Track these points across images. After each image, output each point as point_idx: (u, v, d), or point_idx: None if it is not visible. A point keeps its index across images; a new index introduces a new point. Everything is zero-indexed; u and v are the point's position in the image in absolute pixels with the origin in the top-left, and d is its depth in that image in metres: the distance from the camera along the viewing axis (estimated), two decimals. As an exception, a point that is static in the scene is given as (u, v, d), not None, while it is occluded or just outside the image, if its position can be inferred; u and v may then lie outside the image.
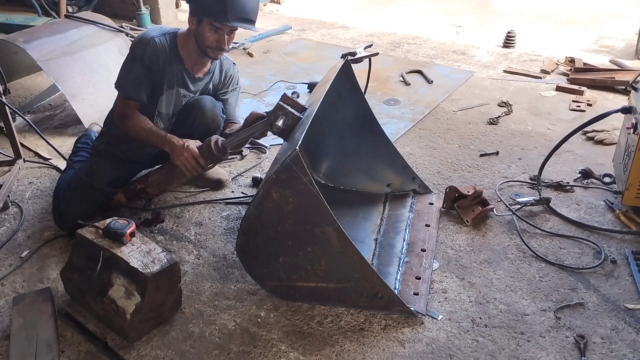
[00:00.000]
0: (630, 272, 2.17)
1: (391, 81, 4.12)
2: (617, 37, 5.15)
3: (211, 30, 2.23)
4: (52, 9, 5.34)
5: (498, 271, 2.20)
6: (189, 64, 2.37)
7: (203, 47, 2.29)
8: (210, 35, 2.24)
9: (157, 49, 2.26)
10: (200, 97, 2.47)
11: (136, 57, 2.26)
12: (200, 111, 2.42)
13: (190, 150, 2.18)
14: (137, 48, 2.27)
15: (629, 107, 2.51)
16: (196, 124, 2.42)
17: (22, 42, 3.25)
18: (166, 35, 2.31)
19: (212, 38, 2.25)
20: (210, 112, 2.44)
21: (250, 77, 4.19)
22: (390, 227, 2.45)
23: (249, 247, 2.00)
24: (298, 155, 1.68)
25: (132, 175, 2.60)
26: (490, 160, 3.03)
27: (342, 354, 1.84)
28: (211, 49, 2.29)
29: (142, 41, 2.26)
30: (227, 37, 2.26)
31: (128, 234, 1.88)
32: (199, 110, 2.42)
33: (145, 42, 2.25)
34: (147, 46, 2.25)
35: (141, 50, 2.25)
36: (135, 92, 2.30)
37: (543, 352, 1.84)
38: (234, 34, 2.30)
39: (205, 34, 2.24)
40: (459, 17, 5.90)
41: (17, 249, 2.33)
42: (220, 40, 2.26)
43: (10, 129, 2.65)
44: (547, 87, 4.01)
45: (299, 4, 6.46)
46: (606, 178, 2.74)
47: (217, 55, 2.34)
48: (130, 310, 1.81)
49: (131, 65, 2.28)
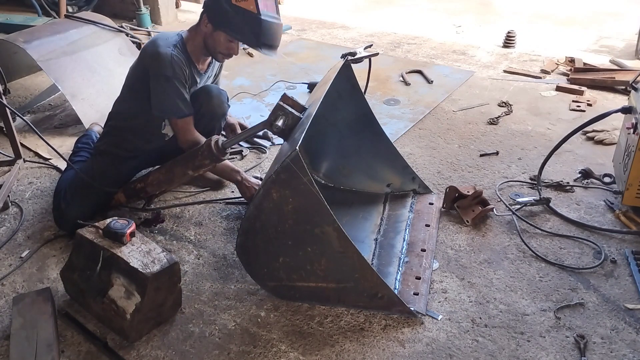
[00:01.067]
0: (630, 272, 2.17)
1: (391, 81, 4.12)
2: (617, 37, 5.15)
3: (227, 39, 2.26)
4: (52, 9, 5.34)
5: (498, 271, 2.20)
6: (196, 61, 2.40)
7: (214, 51, 2.33)
8: (225, 43, 2.28)
9: (180, 63, 2.26)
10: (206, 85, 2.52)
11: (169, 77, 2.24)
12: (206, 98, 2.46)
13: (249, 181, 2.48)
14: (165, 70, 2.23)
15: (629, 107, 2.51)
16: (203, 111, 2.46)
17: (22, 42, 3.25)
18: (177, 46, 2.28)
19: (225, 46, 2.29)
20: (217, 99, 2.49)
21: (250, 77, 4.19)
22: (390, 227, 2.45)
23: (249, 247, 2.00)
24: (298, 155, 1.68)
25: (133, 174, 2.61)
26: (490, 160, 3.03)
27: (342, 354, 1.84)
28: (222, 54, 2.34)
29: (166, 61, 2.22)
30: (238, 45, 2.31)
31: (128, 234, 1.88)
32: (206, 98, 2.46)
33: (170, 60, 2.22)
34: (173, 64, 2.23)
35: (171, 71, 2.23)
36: (189, 109, 2.33)
37: (543, 352, 1.84)
38: None
39: (219, 40, 2.27)
40: (459, 17, 5.89)
41: (17, 249, 2.33)
42: (233, 49, 2.31)
43: (10, 129, 2.65)
44: (547, 87, 4.01)
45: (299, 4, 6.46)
46: (606, 178, 2.74)
47: (225, 59, 2.39)
48: (130, 310, 1.81)
49: (169, 87, 2.26)
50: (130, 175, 2.59)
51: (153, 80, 2.27)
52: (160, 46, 2.26)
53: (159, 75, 2.25)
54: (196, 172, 2.36)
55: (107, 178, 2.42)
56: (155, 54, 2.26)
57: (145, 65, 2.30)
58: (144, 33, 4.54)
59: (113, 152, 2.48)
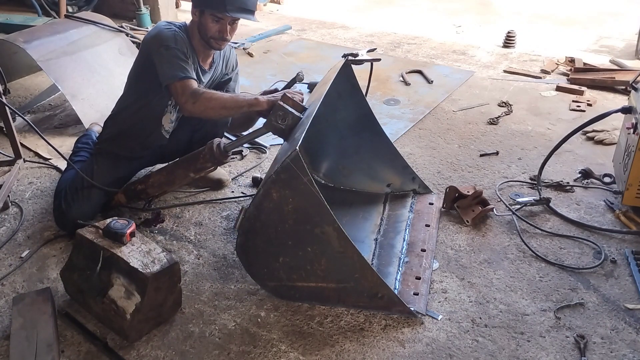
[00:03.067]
0: (630, 272, 2.17)
1: (391, 81, 4.12)
2: (617, 37, 5.15)
3: (213, 20, 2.26)
4: (52, 9, 5.34)
5: (498, 271, 2.20)
6: (198, 54, 2.39)
7: (206, 38, 2.32)
8: (213, 25, 2.27)
9: (183, 41, 2.27)
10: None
11: (170, 47, 2.22)
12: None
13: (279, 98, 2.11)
14: (167, 41, 2.22)
15: (629, 107, 2.51)
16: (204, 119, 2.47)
17: (22, 42, 3.25)
18: (181, 29, 2.31)
19: (214, 28, 2.28)
20: None
21: (250, 77, 4.19)
22: (390, 227, 2.45)
23: (249, 247, 2.00)
24: (298, 155, 1.68)
25: (132, 174, 2.61)
26: (490, 160, 3.03)
27: (342, 354, 1.84)
28: (214, 39, 2.32)
29: (168, 36, 2.23)
30: (229, 27, 2.30)
31: (128, 234, 1.88)
32: None
33: (172, 35, 2.24)
34: (176, 37, 2.24)
35: (173, 42, 2.23)
36: (188, 71, 2.23)
37: (543, 352, 1.84)
38: (236, 24, 2.34)
39: (207, 24, 2.28)
40: (459, 17, 5.90)
41: (17, 249, 2.33)
42: (223, 30, 2.29)
43: (10, 129, 2.65)
44: (547, 87, 4.01)
45: (299, 4, 6.46)
46: (606, 178, 2.74)
47: (220, 45, 2.37)
48: (130, 310, 1.81)
49: (170, 53, 2.22)
50: (131, 175, 2.59)
51: (156, 56, 2.24)
52: (162, 28, 2.28)
53: (160, 47, 2.23)
54: (198, 175, 2.36)
55: (107, 178, 2.42)
56: (157, 34, 2.27)
57: (147, 48, 2.29)
58: (144, 33, 4.54)
59: (113, 152, 2.47)
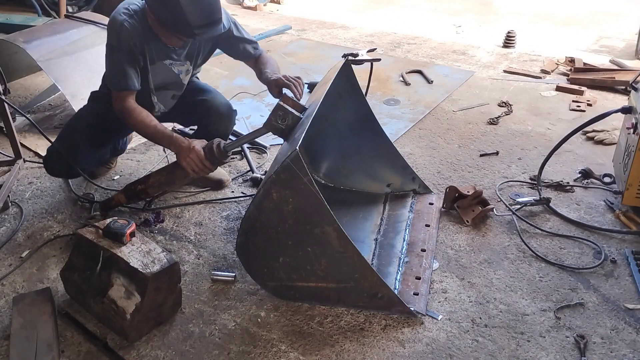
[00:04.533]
0: (630, 272, 2.17)
1: (391, 81, 4.12)
2: (617, 37, 5.15)
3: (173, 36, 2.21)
4: (52, 9, 5.34)
5: (498, 271, 2.20)
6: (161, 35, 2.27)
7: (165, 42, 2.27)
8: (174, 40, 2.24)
9: (130, 33, 2.17)
10: (215, 98, 2.55)
11: (114, 48, 2.21)
12: (217, 118, 2.52)
13: (196, 151, 2.15)
14: (111, 39, 2.20)
15: (629, 107, 2.51)
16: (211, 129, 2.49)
17: (22, 42, 3.25)
18: (136, 14, 2.20)
19: (175, 42, 2.27)
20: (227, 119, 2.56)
21: (251, 77, 4.15)
22: (390, 227, 2.45)
23: (249, 247, 2.00)
24: (298, 155, 1.68)
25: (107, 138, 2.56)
26: (490, 160, 3.03)
27: (342, 354, 1.84)
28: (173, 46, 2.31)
29: (114, 29, 2.18)
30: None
31: (128, 234, 1.88)
32: (216, 118, 2.52)
33: (117, 29, 2.17)
34: (120, 33, 2.17)
35: (116, 40, 2.19)
36: (125, 82, 2.23)
37: (543, 352, 1.84)
38: None
39: (168, 37, 2.23)
40: (459, 17, 5.90)
41: (17, 249, 2.33)
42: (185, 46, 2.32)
43: (10, 129, 2.65)
44: (547, 87, 4.01)
45: (299, 4, 6.46)
46: (606, 178, 2.75)
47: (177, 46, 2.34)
48: (130, 310, 1.81)
49: (112, 58, 2.24)
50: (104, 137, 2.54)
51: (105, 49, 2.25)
52: (117, 11, 2.20)
53: (107, 44, 2.23)
54: (197, 175, 2.36)
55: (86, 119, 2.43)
56: (110, 19, 2.22)
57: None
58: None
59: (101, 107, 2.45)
